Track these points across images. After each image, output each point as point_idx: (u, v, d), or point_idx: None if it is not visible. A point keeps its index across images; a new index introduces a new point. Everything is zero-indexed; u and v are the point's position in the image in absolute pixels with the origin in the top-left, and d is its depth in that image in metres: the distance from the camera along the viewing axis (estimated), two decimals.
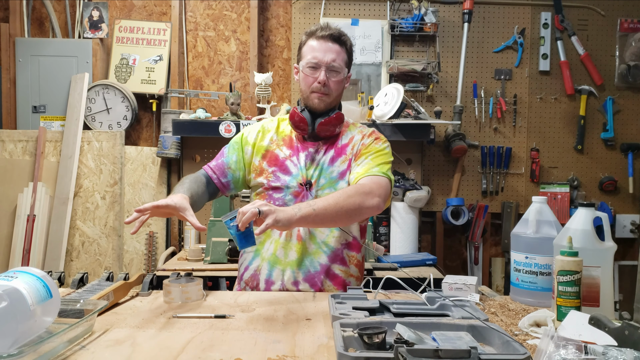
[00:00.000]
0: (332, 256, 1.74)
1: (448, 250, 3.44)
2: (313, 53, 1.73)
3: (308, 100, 1.77)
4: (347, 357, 0.93)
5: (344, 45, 1.76)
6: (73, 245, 3.20)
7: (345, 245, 1.77)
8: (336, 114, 1.76)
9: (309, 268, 1.72)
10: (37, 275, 1.13)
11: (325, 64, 1.72)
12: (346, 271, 1.77)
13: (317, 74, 1.72)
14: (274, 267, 1.73)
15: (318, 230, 1.74)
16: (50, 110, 3.30)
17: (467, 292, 1.56)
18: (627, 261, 3.38)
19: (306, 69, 1.74)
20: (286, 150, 1.80)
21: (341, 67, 1.75)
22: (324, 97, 1.74)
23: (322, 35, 1.73)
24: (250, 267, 1.78)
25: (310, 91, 1.75)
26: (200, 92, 3.33)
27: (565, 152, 3.40)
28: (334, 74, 1.74)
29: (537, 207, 1.61)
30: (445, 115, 3.32)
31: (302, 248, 1.72)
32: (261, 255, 1.76)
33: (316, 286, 1.72)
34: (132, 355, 1.04)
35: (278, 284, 1.72)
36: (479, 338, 1.12)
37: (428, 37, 3.33)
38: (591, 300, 1.39)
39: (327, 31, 1.73)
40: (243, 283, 1.80)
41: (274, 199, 1.75)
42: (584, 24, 3.37)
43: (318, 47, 1.73)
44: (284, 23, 3.40)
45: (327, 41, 1.73)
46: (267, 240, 1.75)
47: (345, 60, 1.77)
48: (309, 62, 1.73)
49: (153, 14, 3.40)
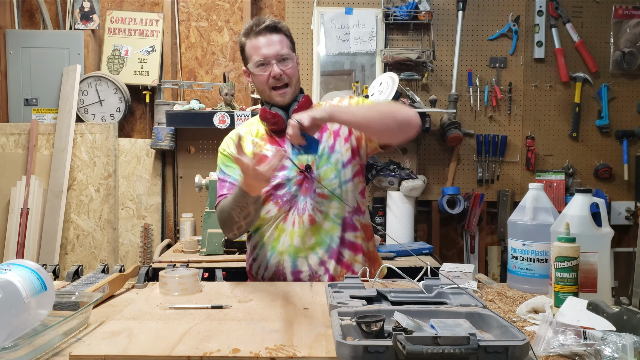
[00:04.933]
0: (344, 226, 1.76)
1: (444, 239, 3.44)
2: (257, 51, 1.71)
3: (270, 99, 1.76)
4: (346, 346, 0.92)
5: (282, 32, 1.74)
6: (68, 238, 3.19)
7: (352, 213, 1.78)
8: (304, 98, 1.76)
9: (331, 245, 1.74)
10: (31, 267, 1.12)
11: (273, 56, 1.70)
12: (359, 236, 1.79)
13: (269, 69, 1.70)
14: (296, 257, 1.74)
15: (331, 207, 1.75)
16: (42, 102, 3.26)
17: (464, 279, 1.56)
18: (622, 248, 3.39)
19: (256, 68, 1.72)
20: (270, 147, 1.79)
21: (289, 53, 1.73)
22: (284, 91, 1.73)
23: (259, 31, 1.71)
24: (270, 265, 1.77)
25: (269, 88, 1.73)
26: (194, 83, 3.31)
27: (560, 139, 3.40)
28: (285, 62, 1.72)
29: (534, 194, 1.60)
30: (440, 104, 3.31)
31: (318, 229, 1.74)
32: (278, 250, 1.76)
33: (341, 260, 1.75)
34: (128, 346, 1.03)
35: (307, 272, 1.73)
36: (477, 325, 1.11)
37: (422, 25, 3.31)
38: (589, 286, 1.39)
39: (262, 24, 1.71)
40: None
41: (278, 196, 1.74)
42: (578, 11, 3.36)
43: (260, 44, 1.70)
44: (277, 13, 3.37)
45: (265, 34, 1.71)
46: (282, 235, 1.75)
47: (289, 45, 1.75)
48: (257, 61, 1.71)
49: (145, 5, 3.36)
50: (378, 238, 3.06)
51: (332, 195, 1.73)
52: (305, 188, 1.73)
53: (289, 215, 1.74)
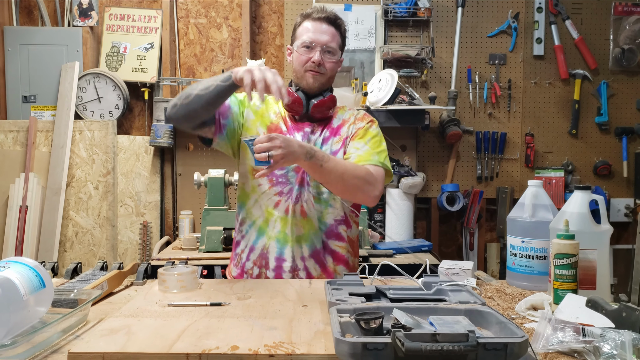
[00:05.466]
0: (327, 232, 1.76)
1: (443, 236, 3.44)
2: (308, 34, 1.73)
3: (302, 79, 1.76)
4: (345, 343, 0.92)
5: (338, 29, 1.77)
6: (66, 235, 3.18)
7: (339, 222, 1.77)
8: (329, 96, 1.76)
9: (315, 243, 1.74)
10: (30, 265, 1.12)
11: (320, 44, 1.72)
12: (344, 247, 1.79)
13: (312, 54, 1.72)
14: (284, 245, 1.73)
15: (315, 208, 1.74)
16: (40, 99, 3.26)
17: (463, 277, 1.56)
18: (621, 245, 3.40)
19: (301, 48, 1.74)
20: (282, 125, 1.79)
21: (336, 49, 1.75)
22: (318, 75, 1.73)
23: (318, 17, 1.74)
24: (257, 247, 1.77)
25: (304, 70, 1.74)
26: (193, 79, 3.30)
27: (559, 136, 3.40)
28: (329, 55, 1.74)
29: (533, 191, 1.60)
30: (439, 101, 3.30)
31: (308, 224, 1.73)
32: (267, 234, 1.75)
33: (320, 262, 1.75)
34: (127, 344, 1.03)
35: (289, 262, 1.73)
36: (476, 322, 1.11)
37: (422, 22, 3.30)
38: (588, 283, 1.39)
39: (323, 13, 1.74)
40: (250, 263, 1.78)
41: (276, 175, 1.74)
42: (578, 7, 3.35)
43: (314, 29, 1.73)
44: (276, 9, 3.36)
45: (322, 23, 1.74)
46: (271, 219, 1.74)
47: (339, 44, 1.78)
48: (304, 42, 1.73)
49: (143, 1, 3.35)
50: (377, 235, 3.06)
51: (318, 198, 1.74)
52: (302, 178, 1.73)
53: (281, 202, 1.73)
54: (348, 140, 1.77)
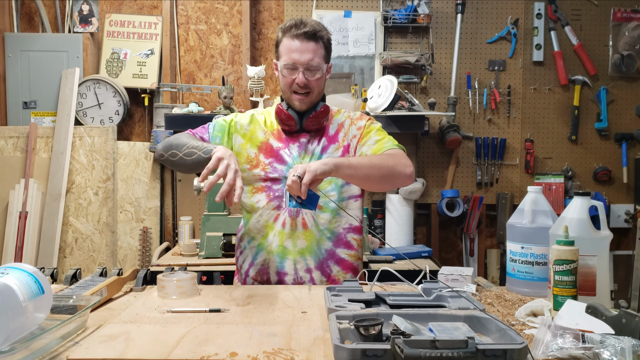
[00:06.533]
0: (335, 240, 1.76)
1: (443, 242, 3.44)
2: (289, 54, 1.69)
3: (290, 101, 1.76)
4: (344, 350, 0.92)
5: (320, 41, 1.71)
6: (66, 241, 3.18)
7: (348, 230, 1.78)
8: (322, 108, 1.76)
9: (318, 255, 1.74)
10: (29, 271, 1.11)
11: (302, 64, 1.69)
12: (353, 255, 1.79)
13: (295, 74, 1.70)
14: (284, 259, 1.73)
15: (321, 217, 1.74)
16: (40, 105, 3.26)
17: (463, 283, 1.56)
18: (621, 251, 3.39)
19: (284, 70, 1.72)
20: (277, 142, 1.79)
21: (319, 64, 1.71)
22: (304, 98, 1.73)
23: (296, 34, 1.68)
24: (256, 262, 1.77)
25: (290, 92, 1.74)
26: (193, 86, 3.31)
27: (559, 142, 3.40)
28: (312, 73, 1.71)
29: (533, 197, 1.60)
30: (439, 107, 3.31)
31: (310, 235, 1.73)
32: (266, 249, 1.75)
33: (326, 272, 1.75)
34: (126, 350, 1.03)
35: (291, 275, 1.73)
36: (476, 328, 1.11)
37: (421, 28, 3.31)
38: (587, 289, 1.39)
39: (302, 29, 1.68)
40: (250, 280, 1.79)
41: (273, 190, 1.75)
42: (577, 13, 3.36)
43: (294, 47, 1.68)
44: (276, 16, 3.38)
45: (302, 40, 1.68)
46: (270, 233, 1.75)
47: (323, 55, 1.73)
48: (286, 63, 1.70)
49: (144, 8, 3.36)
50: (376, 241, 3.06)
51: (326, 207, 1.75)
52: None
53: (280, 216, 1.74)
54: (354, 144, 1.78)
